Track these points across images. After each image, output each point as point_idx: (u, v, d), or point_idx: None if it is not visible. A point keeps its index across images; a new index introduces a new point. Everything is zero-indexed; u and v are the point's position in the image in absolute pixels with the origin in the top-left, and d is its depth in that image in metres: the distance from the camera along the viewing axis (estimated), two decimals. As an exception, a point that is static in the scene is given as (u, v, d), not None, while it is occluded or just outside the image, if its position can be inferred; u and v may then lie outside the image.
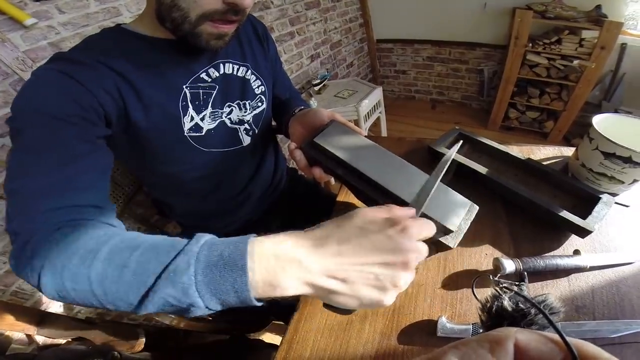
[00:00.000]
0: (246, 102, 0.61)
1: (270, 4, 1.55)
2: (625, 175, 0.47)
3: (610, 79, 1.83)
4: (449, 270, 0.44)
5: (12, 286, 0.82)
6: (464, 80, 2.42)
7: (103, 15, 0.96)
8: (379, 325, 0.40)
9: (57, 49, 0.85)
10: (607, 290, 0.38)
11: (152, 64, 0.48)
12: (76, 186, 0.36)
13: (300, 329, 0.42)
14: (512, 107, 2.11)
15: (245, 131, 0.61)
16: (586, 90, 1.78)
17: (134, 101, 0.46)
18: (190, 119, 0.52)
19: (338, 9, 2.09)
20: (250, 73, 0.61)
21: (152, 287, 0.26)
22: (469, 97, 2.51)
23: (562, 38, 1.72)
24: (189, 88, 0.52)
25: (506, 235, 0.46)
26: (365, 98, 1.61)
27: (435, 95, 2.66)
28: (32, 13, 0.81)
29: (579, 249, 0.41)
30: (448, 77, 2.47)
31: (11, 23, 0.80)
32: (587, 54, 1.67)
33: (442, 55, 2.38)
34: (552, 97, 1.93)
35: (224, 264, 0.26)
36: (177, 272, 0.26)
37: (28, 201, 0.34)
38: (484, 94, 2.36)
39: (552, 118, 2.03)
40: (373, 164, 0.42)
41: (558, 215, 0.42)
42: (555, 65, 1.79)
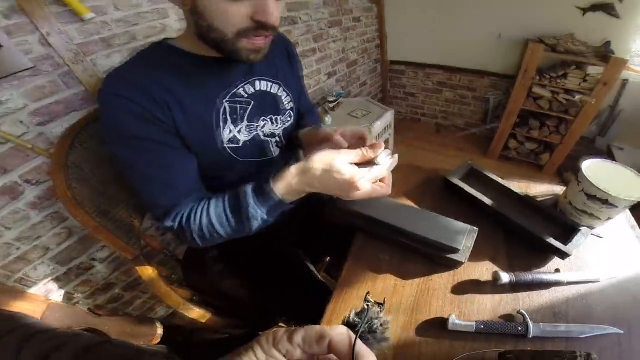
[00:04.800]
0: (277, 117, 0.68)
1: (297, 19, 1.62)
2: (601, 214, 0.58)
3: (607, 115, 1.93)
4: (457, 279, 0.55)
5: (19, 272, 0.84)
6: (469, 107, 2.53)
7: (152, 15, 0.98)
8: (400, 321, 0.50)
9: (106, 45, 0.88)
10: (578, 301, 0.50)
11: (195, 80, 0.55)
12: (184, 172, 0.56)
13: (333, 320, 0.51)
14: (513, 137, 2.20)
15: (275, 143, 0.69)
16: (583, 124, 1.87)
17: (180, 115, 0.53)
18: (229, 131, 0.59)
19: (358, 29, 2.18)
20: (281, 90, 0.67)
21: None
22: (472, 124, 2.61)
23: (568, 72, 1.78)
24: (227, 102, 0.58)
25: (503, 254, 0.58)
26: (377, 119, 1.72)
27: (440, 119, 2.78)
28: (90, 7, 0.82)
29: (559, 267, 0.53)
30: (454, 103, 2.59)
31: (70, 15, 0.81)
32: (589, 89, 1.75)
33: (451, 81, 2.49)
34: (550, 129, 2.02)
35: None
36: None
37: (163, 190, 0.54)
38: (487, 122, 2.47)
39: (548, 150, 2.12)
40: (402, 217, 0.58)
41: (545, 240, 0.54)
42: (558, 99, 1.87)
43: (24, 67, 0.73)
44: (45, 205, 0.84)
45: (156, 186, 0.54)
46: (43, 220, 0.85)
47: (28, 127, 0.76)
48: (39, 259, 0.87)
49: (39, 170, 0.80)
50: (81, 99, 0.85)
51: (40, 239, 0.86)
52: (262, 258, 0.79)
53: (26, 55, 0.73)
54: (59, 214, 0.87)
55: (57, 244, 0.90)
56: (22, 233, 0.82)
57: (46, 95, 0.79)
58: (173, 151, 0.54)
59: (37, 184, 0.81)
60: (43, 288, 0.90)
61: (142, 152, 0.52)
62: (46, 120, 0.79)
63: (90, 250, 0.98)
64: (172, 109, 0.52)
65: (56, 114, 0.81)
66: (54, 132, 0.81)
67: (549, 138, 2.04)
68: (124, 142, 0.52)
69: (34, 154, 0.78)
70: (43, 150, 0.78)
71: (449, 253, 0.55)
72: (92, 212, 0.68)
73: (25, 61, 0.73)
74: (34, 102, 0.76)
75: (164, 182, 0.54)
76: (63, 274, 0.94)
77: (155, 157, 0.53)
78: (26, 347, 0.31)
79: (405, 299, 0.53)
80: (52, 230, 0.88)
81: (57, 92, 0.80)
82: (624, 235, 0.62)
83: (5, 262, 0.81)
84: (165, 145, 0.53)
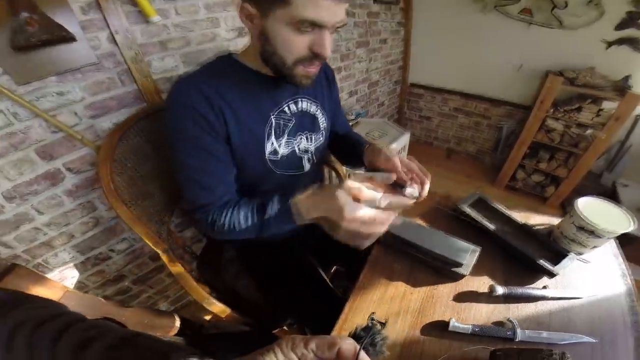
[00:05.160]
0: (313, 135, 0.80)
1: None
2: (588, 243, 0.72)
3: (616, 150, 2.03)
4: (458, 289, 0.68)
5: (40, 258, 0.94)
6: (483, 135, 2.68)
7: (206, 23, 1.10)
8: (408, 322, 0.63)
9: (163, 48, 1.00)
10: (560, 314, 0.63)
11: (252, 94, 0.67)
12: (224, 180, 0.69)
13: (349, 321, 0.63)
14: (521, 168, 2.32)
15: (307, 159, 0.81)
16: (591, 159, 1.97)
17: (234, 125, 0.65)
18: (271, 144, 0.72)
19: (383, 51, 2.37)
20: (319, 110, 0.80)
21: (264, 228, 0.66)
22: (484, 151, 2.77)
23: (583, 106, 1.89)
24: (274, 118, 0.70)
25: (500, 271, 0.72)
26: (394, 141, 1.85)
27: (453, 145, 2.92)
28: (156, 10, 0.92)
29: (547, 285, 0.67)
30: (468, 130, 2.74)
31: (138, 16, 0.91)
32: (602, 124, 1.85)
33: (467, 107, 2.65)
34: (558, 163, 2.14)
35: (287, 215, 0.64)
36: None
37: (204, 192, 0.67)
38: (498, 151, 2.61)
39: (554, 183, 2.23)
40: (418, 234, 0.73)
41: (537, 262, 0.68)
42: (569, 133, 2.00)
43: (91, 62, 0.86)
44: (80, 195, 0.96)
45: (199, 188, 0.68)
46: (75, 209, 0.97)
47: (81, 119, 0.90)
48: (62, 246, 0.98)
49: (83, 160, 0.93)
50: (132, 97, 0.98)
51: (68, 226, 0.97)
52: (278, 262, 0.90)
53: (94, 51, 0.86)
54: (91, 203, 1.00)
55: (82, 233, 1.02)
56: (53, 219, 0.94)
57: (103, 90, 0.91)
58: (220, 163, 0.68)
59: (78, 173, 0.94)
60: (58, 275, 1.01)
61: (196, 158, 0.65)
62: (98, 114, 0.92)
63: (111, 241, 1.10)
64: (227, 121, 0.64)
65: (109, 109, 0.94)
66: (103, 126, 0.94)
67: (556, 172, 2.15)
68: (183, 146, 0.65)
69: (81, 145, 0.91)
70: (90, 142, 0.91)
71: (454, 267, 0.68)
72: (130, 205, 0.79)
73: (92, 56, 0.86)
74: (91, 96, 0.89)
75: (206, 186, 0.67)
76: (81, 262, 1.05)
77: (206, 166, 0.66)
78: (65, 334, 0.33)
79: (413, 304, 0.66)
80: (81, 219, 1.00)
81: (114, 88, 0.94)
82: (607, 261, 0.75)
83: (30, 247, 0.92)
84: (215, 157, 0.66)
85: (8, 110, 0.77)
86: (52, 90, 0.82)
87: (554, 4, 1.92)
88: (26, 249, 0.91)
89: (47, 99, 0.82)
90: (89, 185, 0.97)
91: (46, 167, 0.88)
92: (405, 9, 2.41)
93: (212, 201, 0.69)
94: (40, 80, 0.80)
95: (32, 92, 0.79)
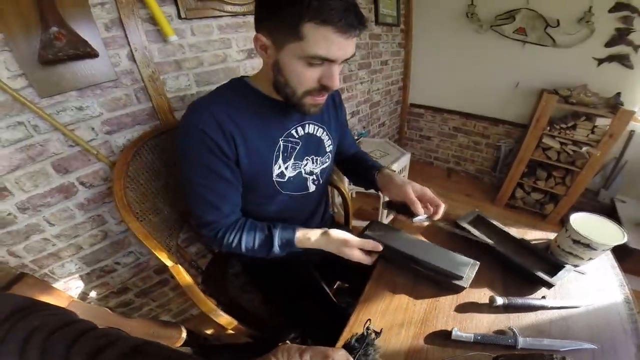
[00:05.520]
0: (319, 158, 0.83)
1: None
2: (584, 255, 0.75)
3: (612, 167, 2.07)
4: (460, 301, 0.71)
5: (47, 268, 0.95)
6: (482, 154, 2.74)
7: (219, 44, 1.15)
8: (411, 332, 0.65)
9: (177, 67, 1.04)
10: (560, 322, 0.65)
11: (262, 118, 0.70)
12: (230, 199, 0.73)
13: (354, 330, 0.65)
14: (520, 187, 2.36)
15: (312, 181, 0.85)
16: (588, 177, 2.01)
17: (243, 148, 0.68)
18: (279, 167, 0.75)
19: (384, 72, 2.45)
20: (325, 134, 0.83)
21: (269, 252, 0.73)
22: (483, 171, 2.81)
23: (577, 124, 1.94)
24: (282, 141, 0.73)
25: (499, 282, 0.75)
26: (395, 162, 1.89)
27: (452, 164, 2.98)
28: (174, 30, 0.95)
29: (546, 295, 0.70)
30: (468, 149, 2.80)
31: (156, 35, 0.95)
32: (596, 141, 1.90)
33: (466, 127, 2.73)
34: (556, 180, 2.19)
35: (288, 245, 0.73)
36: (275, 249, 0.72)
37: (211, 210, 0.72)
38: (497, 170, 2.66)
39: (553, 201, 2.29)
40: (415, 247, 0.76)
41: (535, 274, 0.71)
42: (566, 150, 2.04)
43: (110, 79, 0.91)
44: (91, 208, 1.00)
45: (207, 206, 0.72)
46: (85, 222, 1.00)
47: (97, 134, 0.94)
48: (69, 257, 1.00)
49: (96, 175, 0.97)
50: (147, 115, 1.02)
51: (77, 238, 1.00)
52: (283, 277, 0.93)
53: (114, 68, 0.91)
54: (101, 217, 1.03)
55: (90, 245, 1.04)
56: (63, 231, 0.96)
57: (120, 107, 0.95)
58: (228, 184, 0.72)
59: (91, 187, 0.97)
60: (63, 286, 1.03)
61: (205, 178, 0.69)
62: (114, 130, 0.97)
63: (118, 254, 1.12)
64: (237, 145, 0.67)
65: (124, 125, 0.98)
66: (118, 142, 0.98)
67: (555, 189, 2.19)
68: (192, 166, 0.69)
69: (95, 160, 0.95)
70: (105, 157, 0.95)
71: (455, 279, 0.71)
72: (141, 220, 0.82)
73: (112, 73, 0.90)
74: (108, 112, 0.94)
75: (214, 205, 0.71)
76: (86, 274, 1.07)
77: (213, 186, 0.70)
78: (78, 343, 0.34)
79: (416, 315, 0.68)
80: (90, 232, 1.02)
81: (130, 105, 0.98)
82: (604, 272, 0.78)
83: (38, 257, 0.94)
84: (224, 179, 0.70)
85: (29, 123, 0.80)
86: (72, 104, 0.86)
87: (547, 23, 1.99)
88: (34, 258, 0.93)
89: (66, 113, 0.86)
90: (100, 200, 1.01)
91: (61, 180, 0.91)
92: (406, 31, 2.52)
93: (219, 218, 0.73)
94: (62, 94, 0.83)
95: (53, 106, 0.83)
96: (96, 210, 1.01)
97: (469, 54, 2.41)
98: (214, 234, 0.74)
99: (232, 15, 1.16)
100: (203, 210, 0.72)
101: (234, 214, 0.75)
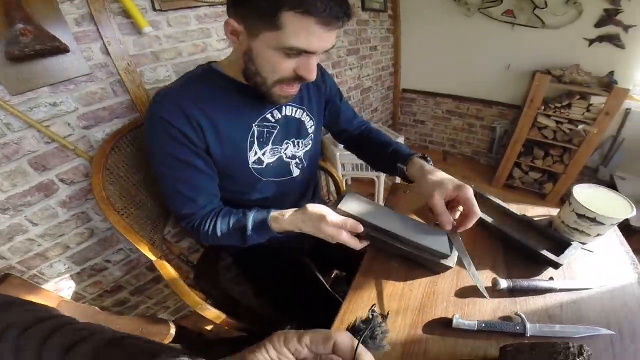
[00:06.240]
0: (300, 140, 0.76)
1: None
2: (591, 230, 0.67)
3: (610, 144, 2.02)
4: (459, 284, 0.63)
5: (35, 269, 0.91)
6: (477, 135, 2.67)
7: (197, 34, 1.09)
8: (408, 320, 0.58)
9: (155, 59, 0.99)
10: (571, 306, 0.57)
11: (232, 104, 0.64)
12: (205, 190, 0.67)
13: (345, 319, 0.58)
14: (517, 166, 2.30)
15: (295, 164, 0.78)
16: (586, 154, 1.97)
17: (214, 136, 0.62)
18: (254, 153, 0.69)
19: (374, 57, 2.36)
20: (305, 115, 0.75)
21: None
22: (479, 152, 2.75)
23: (572, 103, 1.90)
24: (257, 126, 0.67)
25: (502, 264, 0.67)
26: None
27: (448, 147, 2.91)
28: (149, 22, 0.91)
29: (553, 276, 0.61)
30: (462, 132, 2.73)
31: (130, 27, 0.90)
32: (592, 119, 1.85)
33: (460, 110, 2.64)
34: (554, 159, 2.12)
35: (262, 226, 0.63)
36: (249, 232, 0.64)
37: (186, 202, 0.66)
38: (493, 151, 2.59)
39: (551, 180, 2.21)
40: (397, 224, 0.64)
41: (539, 252, 0.63)
42: (562, 129, 1.99)
43: (84, 73, 0.85)
44: (74, 205, 0.93)
45: (181, 198, 0.66)
46: (69, 220, 0.94)
47: (74, 130, 0.87)
48: (57, 257, 0.95)
49: (76, 171, 0.90)
50: (125, 107, 0.96)
51: (62, 237, 0.94)
52: (274, 267, 0.87)
53: (87, 62, 0.85)
54: (86, 214, 0.96)
55: (77, 244, 0.98)
56: (47, 230, 0.90)
57: (96, 101, 0.90)
58: (200, 173, 0.65)
59: (71, 184, 0.91)
60: (54, 286, 0.97)
61: (175, 169, 0.63)
62: (91, 125, 0.90)
63: (107, 252, 1.06)
64: (206, 133, 0.62)
65: (101, 119, 0.92)
66: (96, 136, 0.92)
67: (553, 168, 2.13)
68: (161, 159, 0.63)
69: (74, 155, 0.88)
70: (83, 152, 0.88)
71: (440, 259, 0.62)
72: (122, 213, 0.77)
73: (85, 67, 0.85)
74: (84, 106, 0.88)
75: (188, 196, 0.66)
76: (77, 273, 1.01)
77: (185, 176, 0.64)
78: (53, 337, 0.32)
79: (412, 301, 0.61)
80: (75, 230, 0.96)
81: (106, 99, 0.92)
82: (613, 250, 0.70)
83: (24, 258, 0.88)
84: (194, 168, 0.64)
85: (1, 121, 0.75)
86: (45, 100, 0.80)
87: (534, 4, 1.93)
88: (20, 260, 0.88)
89: (40, 110, 0.80)
90: (83, 196, 0.94)
91: (39, 178, 0.85)
92: (393, 16, 2.43)
93: (195, 211, 0.67)
94: (33, 90, 0.78)
95: (25, 103, 0.77)
96: (79, 207, 0.95)
97: (458, 37, 2.34)
98: (191, 226, 0.69)
99: (210, 5, 1.10)
100: (178, 204, 0.67)
101: (211, 204, 0.69)
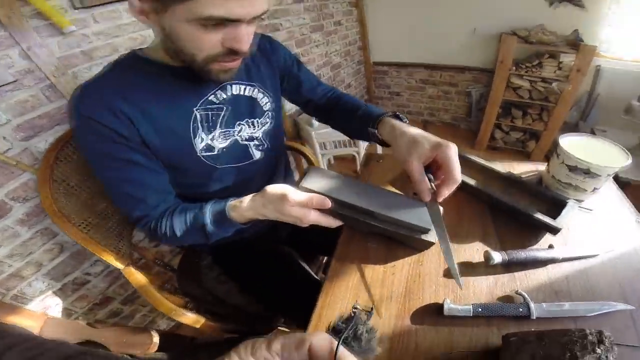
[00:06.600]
0: (255, 120, 0.63)
1: (279, 27, 1.60)
2: (586, 184, 0.55)
3: (586, 100, 1.92)
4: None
5: (14, 290, 0.80)
6: (454, 102, 2.52)
7: (133, 27, 0.94)
8: (393, 310, 0.46)
9: (88, 58, 0.85)
10: (579, 278, 0.46)
11: (166, 91, 0.52)
12: (152, 187, 0.55)
13: (323, 315, 0.47)
14: (498, 128, 2.20)
15: (255, 146, 0.65)
16: (564, 111, 1.87)
17: (148, 128, 0.50)
18: (201, 140, 0.56)
19: (340, 32, 2.17)
20: (257, 92, 0.63)
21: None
22: (458, 118, 2.61)
23: (542, 62, 1.81)
24: (199, 111, 0.55)
25: (493, 234, 0.55)
26: None
27: (427, 116, 2.76)
28: (71, 21, 0.79)
29: (553, 244, 0.49)
30: (439, 99, 2.58)
31: (51, 29, 0.78)
32: (565, 77, 1.77)
33: (433, 78, 2.48)
34: (533, 118, 2.03)
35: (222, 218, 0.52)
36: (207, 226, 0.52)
37: (136, 203, 0.54)
38: (471, 115, 2.45)
39: (534, 138, 2.13)
40: (369, 198, 0.51)
41: (533, 216, 0.51)
42: (537, 88, 1.88)
43: (6, 82, 0.70)
44: (35, 222, 0.80)
45: (129, 200, 0.55)
46: (33, 237, 0.81)
47: (12, 143, 0.73)
48: (32, 275, 0.83)
49: (26, 187, 0.76)
50: (64, 113, 0.80)
51: (32, 256, 0.82)
52: (256, 261, 0.76)
53: (8, 70, 0.70)
54: (50, 230, 0.83)
55: (49, 260, 0.86)
56: (14, 250, 0.78)
57: (29, 109, 0.76)
58: (143, 169, 0.53)
59: (25, 201, 0.77)
60: (41, 304, 0.87)
61: (115, 170, 0.52)
62: (30, 135, 0.76)
63: (84, 265, 0.94)
64: (137, 125, 0.50)
65: (40, 128, 0.77)
66: (39, 147, 0.77)
67: (533, 126, 2.04)
68: (98, 161, 0.52)
69: (19, 171, 0.74)
70: (28, 166, 0.74)
71: (421, 234, 0.50)
72: (80, 225, 0.66)
73: (6, 76, 0.70)
74: (17, 117, 0.73)
75: (136, 197, 0.54)
76: (59, 289, 0.90)
77: (128, 176, 0.52)
78: (7, 355, 0.29)
79: (396, 287, 0.50)
80: (44, 247, 0.84)
81: (40, 106, 0.77)
82: (614, 208, 0.58)
83: (-1, 279, 0.76)
84: (135, 164, 0.52)
85: None
86: None
87: None
88: (-5, 282, 0.76)
89: (-34, 127, 0.65)
90: (41, 212, 0.80)
91: (-13, 200, 0.71)
92: (354, -11, 2.21)
93: (148, 212, 0.55)
94: None
95: None
96: (40, 224, 0.81)
97: (421, 4, 2.17)
98: (148, 228, 0.57)
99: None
100: (129, 208, 0.55)
101: (164, 203, 0.57)
